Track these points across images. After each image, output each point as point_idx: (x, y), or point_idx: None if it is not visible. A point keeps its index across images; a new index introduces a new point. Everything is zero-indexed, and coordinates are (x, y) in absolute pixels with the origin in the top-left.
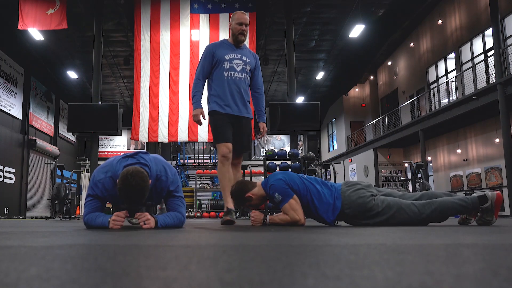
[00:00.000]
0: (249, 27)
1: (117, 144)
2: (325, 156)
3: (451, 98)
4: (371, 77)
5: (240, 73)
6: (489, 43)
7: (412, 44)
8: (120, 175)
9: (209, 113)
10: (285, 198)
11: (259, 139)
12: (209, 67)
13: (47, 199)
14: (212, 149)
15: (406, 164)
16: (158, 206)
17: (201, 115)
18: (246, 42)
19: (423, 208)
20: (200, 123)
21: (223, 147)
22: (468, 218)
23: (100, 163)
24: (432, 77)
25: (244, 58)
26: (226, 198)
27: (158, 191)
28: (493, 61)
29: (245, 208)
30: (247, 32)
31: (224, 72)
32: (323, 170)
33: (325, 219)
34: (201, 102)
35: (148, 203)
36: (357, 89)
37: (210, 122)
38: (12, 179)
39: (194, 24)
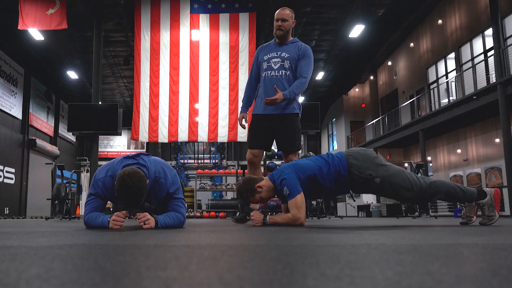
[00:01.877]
0: (286, 22)
1: (117, 144)
2: None
3: (451, 98)
4: (371, 77)
5: (277, 71)
6: (489, 43)
7: (412, 44)
8: (117, 176)
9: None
10: (293, 192)
11: (267, 102)
12: (256, 70)
13: (47, 199)
14: (212, 149)
15: (406, 164)
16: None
17: (243, 119)
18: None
19: (423, 179)
20: (244, 127)
21: (248, 153)
22: (469, 216)
23: (100, 163)
24: (432, 77)
25: (283, 54)
26: None
27: (156, 193)
28: (493, 61)
29: (253, 202)
30: (287, 27)
31: (262, 73)
32: None
33: (341, 181)
34: (246, 106)
35: (146, 205)
36: (357, 89)
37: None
38: (12, 179)
39: (194, 24)
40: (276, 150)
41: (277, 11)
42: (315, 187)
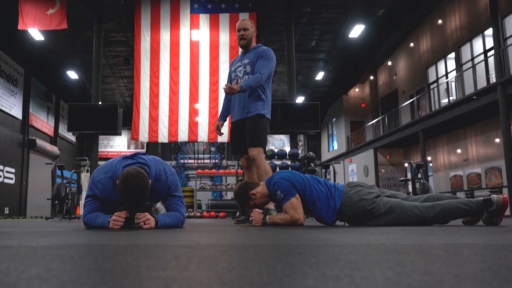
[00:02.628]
0: (248, 31)
1: (117, 144)
2: (325, 156)
3: (451, 98)
4: (371, 77)
5: (242, 78)
6: (489, 43)
7: (412, 44)
8: (120, 176)
9: None
10: (287, 196)
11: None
12: (229, 82)
13: (47, 199)
14: (212, 149)
15: (406, 164)
16: (152, 208)
17: (218, 128)
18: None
19: (426, 211)
20: (220, 134)
21: (241, 158)
22: (472, 221)
23: (100, 163)
24: (432, 77)
25: (245, 61)
26: None
27: (157, 191)
28: (493, 61)
29: (249, 209)
30: (249, 35)
31: (232, 83)
32: (323, 170)
33: (325, 220)
34: (223, 115)
35: (147, 204)
36: (357, 89)
37: None
38: (12, 179)
39: (194, 24)
40: (276, 150)
41: (237, 23)
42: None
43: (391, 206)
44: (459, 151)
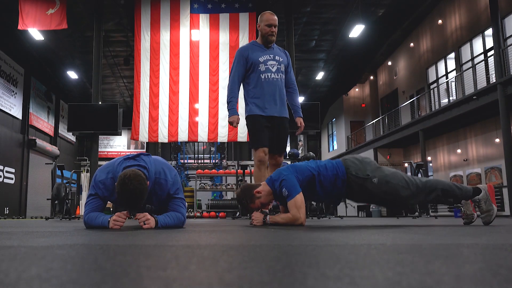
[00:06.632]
0: (276, 28)
1: (117, 144)
2: (325, 156)
3: (451, 98)
4: (371, 77)
5: (276, 74)
6: (489, 43)
7: (412, 44)
8: (118, 179)
9: (247, 117)
10: (292, 193)
11: (298, 135)
12: (243, 71)
13: (47, 199)
14: (212, 149)
15: (406, 164)
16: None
17: (236, 122)
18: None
19: (419, 179)
20: (235, 126)
21: (260, 152)
22: (470, 214)
23: (100, 163)
24: (432, 77)
25: (277, 58)
26: None
27: (157, 194)
28: (493, 61)
29: (253, 209)
30: (276, 33)
31: (261, 75)
32: None
33: (338, 182)
34: (236, 108)
35: (147, 207)
36: (357, 89)
37: (248, 126)
38: (12, 179)
39: (194, 24)
40: None
41: (265, 15)
42: (312, 190)
43: (394, 172)
44: (459, 151)
